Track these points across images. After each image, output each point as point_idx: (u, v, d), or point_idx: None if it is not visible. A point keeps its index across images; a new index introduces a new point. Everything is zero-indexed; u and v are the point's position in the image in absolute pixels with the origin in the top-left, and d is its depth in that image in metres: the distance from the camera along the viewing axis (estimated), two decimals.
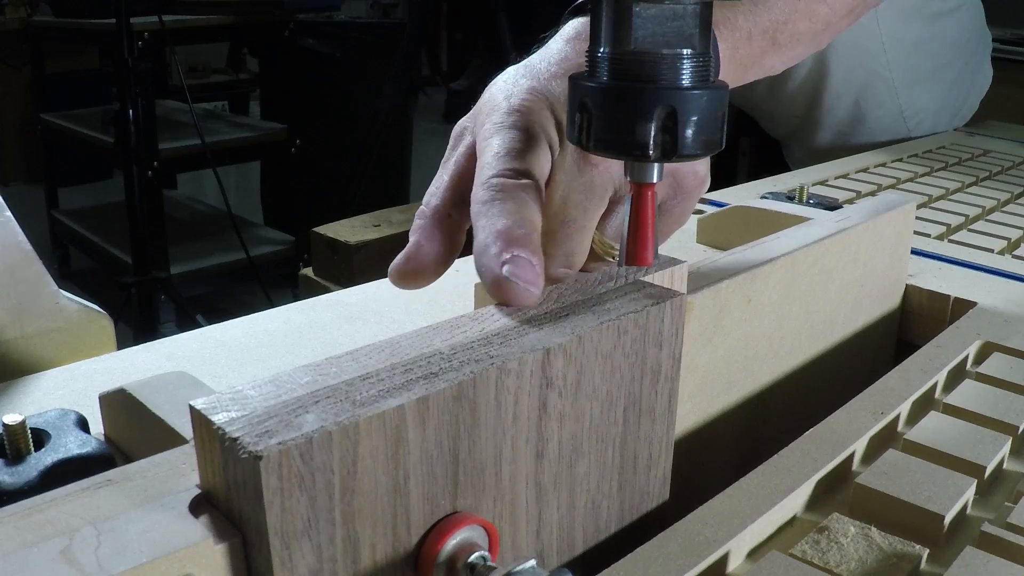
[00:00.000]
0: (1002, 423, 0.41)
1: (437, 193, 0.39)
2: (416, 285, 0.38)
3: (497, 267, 0.32)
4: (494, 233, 0.33)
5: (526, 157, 0.37)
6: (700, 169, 0.42)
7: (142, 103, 1.99)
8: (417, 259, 0.38)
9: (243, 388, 0.25)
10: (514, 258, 0.32)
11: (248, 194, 3.19)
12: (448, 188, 0.39)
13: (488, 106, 0.40)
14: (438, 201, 0.39)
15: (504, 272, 0.32)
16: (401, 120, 2.67)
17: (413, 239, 0.38)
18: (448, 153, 0.41)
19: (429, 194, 0.39)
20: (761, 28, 0.47)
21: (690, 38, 0.32)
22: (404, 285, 0.38)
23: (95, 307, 0.47)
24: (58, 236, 2.94)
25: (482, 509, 0.28)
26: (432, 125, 4.05)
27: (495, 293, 0.32)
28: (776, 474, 0.36)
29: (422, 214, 0.39)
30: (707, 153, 0.34)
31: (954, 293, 0.58)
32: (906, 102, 1.15)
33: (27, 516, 0.23)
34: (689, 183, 0.42)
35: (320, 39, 2.71)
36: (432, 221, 0.38)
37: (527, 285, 0.32)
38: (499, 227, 0.34)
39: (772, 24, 0.47)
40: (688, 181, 0.42)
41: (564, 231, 0.37)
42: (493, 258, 0.33)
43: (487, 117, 0.39)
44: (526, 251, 0.33)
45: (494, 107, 0.40)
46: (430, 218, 0.38)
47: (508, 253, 0.32)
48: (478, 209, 0.35)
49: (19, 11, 3.35)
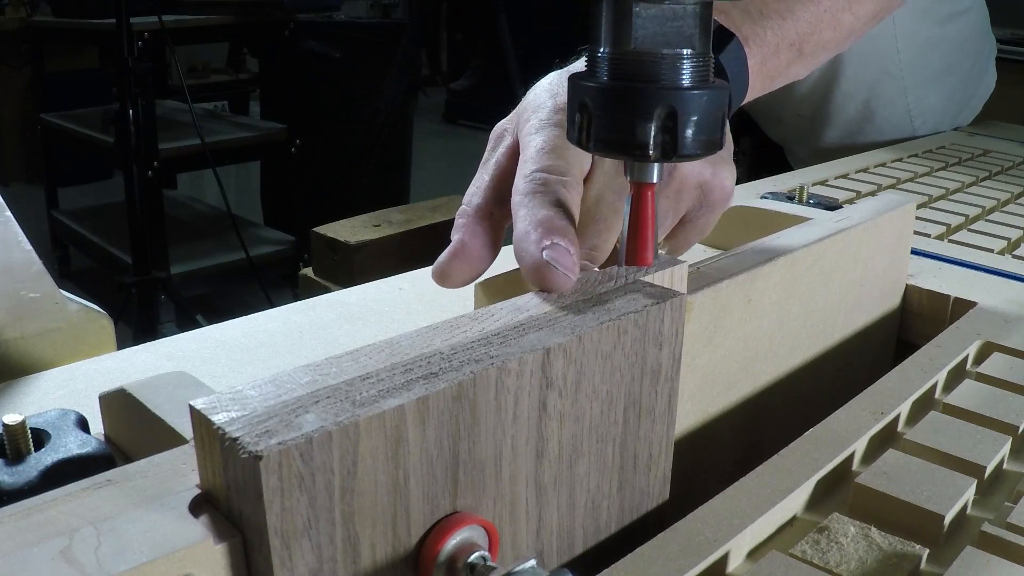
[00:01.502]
0: (1002, 423, 0.41)
1: (479, 192, 0.40)
2: (459, 283, 0.39)
3: (538, 252, 0.34)
4: (535, 222, 0.35)
5: (567, 154, 0.38)
6: (727, 184, 0.43)
7: (142, 103, 1.99)
8: (462, 257, 0.38)
9: (243, 388, 0.25)
10: (554, 245, 0.34)
11: (248, 194, 3.19)
12: (490, 187, 0.40)
13: (532, 105, 0.41)
14: (480, 200, 0.40)
15: (544, 256, 0.33)
16: (401, 120, 2.67)
17: (456, 237, 0.39)
18: (488, 154, 0.42)
19: (470, 194, 0.40)
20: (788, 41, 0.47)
21: (690, 38, 0.32)
22: (447, 283, 0.39)
23: (95, 307, 0.47)
24: (58, 236, 2.94)
25: (482, 509, 0.28)
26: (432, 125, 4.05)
27: (534, 277, 0.34)
28: (776, 474, 0.36)
29: (464, 213, 0.40)
30: (707, 153, 0.34)
31: (954, 293, 0.58)
32: (913, 102, 1.15)
33: (27, 516, 0.23)
34: (716, 196, 0.43)
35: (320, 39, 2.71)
36: (475, 219, 0.39)
37: (565, 270, 0.33)
38: (539, 217, 0.35)
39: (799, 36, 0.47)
40: (715, 194, 0.43)
41: (594, 227, 0.39)
42: (534, 244, 0.34)
43: (532, 115, 0.41)
44: (565, 240, 0.34)
45: (539, 106, 0.41)
46: (472, 216, 0.39)
47: (548, 240, 0.34)
48: (519, 200, 0.37)
49: (19, 11, 3.35)
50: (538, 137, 0.39)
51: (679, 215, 0.43)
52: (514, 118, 0.43)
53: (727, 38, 0.44)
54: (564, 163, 0.38)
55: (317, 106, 2.66)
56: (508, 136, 0.42)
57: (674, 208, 0.43)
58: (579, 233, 0.38)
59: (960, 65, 1.19)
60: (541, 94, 0.42)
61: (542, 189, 0.37)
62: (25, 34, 3.19)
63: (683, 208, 0.43)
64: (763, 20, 0.46)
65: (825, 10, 0.48)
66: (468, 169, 0.42)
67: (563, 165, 0.38)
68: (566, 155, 0.38)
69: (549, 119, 0.40)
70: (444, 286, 0.39)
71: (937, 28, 1.14)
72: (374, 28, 3.03)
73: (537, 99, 0.42)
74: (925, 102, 1.16)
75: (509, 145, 0.41)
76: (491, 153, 0.42)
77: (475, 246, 0.38)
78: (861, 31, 0.53)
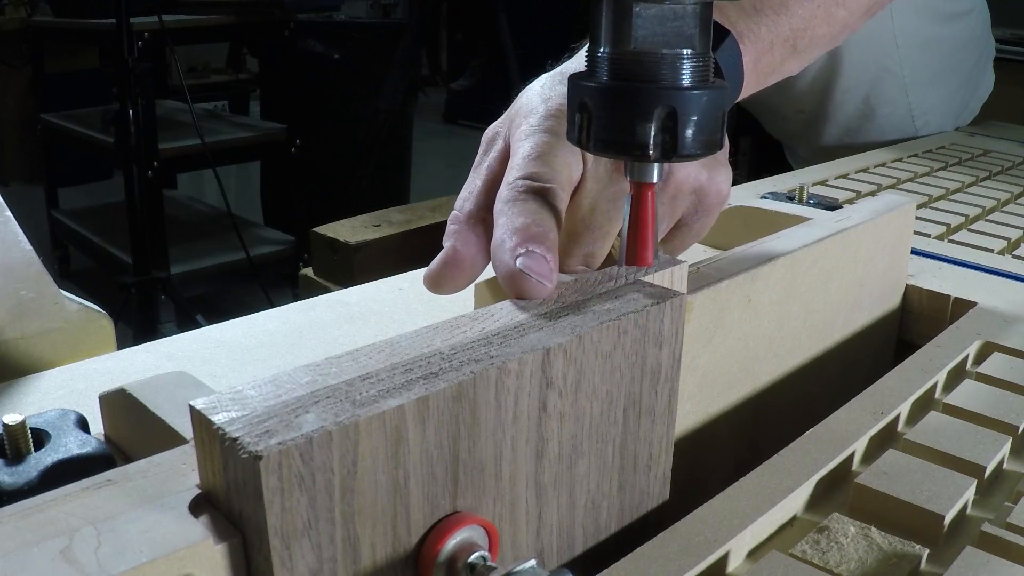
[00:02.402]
0: (1002, 423, 0.41)
1: (470, 198, 0.40)
2: (452, 290, 0.38)
3: (511, 261, 0.33)
4: (512, 230, 0.35)
5: (554, 162, 0.38)
6: (723, 187, 0.43)
7: (142, 103, 1.99)
8: (453, 264, 0.38)
9: (243, 388, 0.25)
10: (528, 252, 0.33)
11: (248, 194, 3.19)
12: (481, 193, 0.40)
13: (525, 109, 0.41)
14: (471, 206, 0.39)
15: (518, 264, 0.33)
16: (401, 120, 2.67)
17: (448, 244, 0.38)
18: (479, 158, 0.42)
19: (462, 199, 0.40)
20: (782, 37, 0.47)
21: (690, 38, 0.32)
22: (440, 290, 0.38)
23: (95, 307, 0.47)
24: (58, 236, 2.94)
25: (482, 509, 0.28)
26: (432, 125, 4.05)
27: (509, 286, 0.33)
28: (776, 474, 0.36)
29: (455, 219, 0.39)
30: (707, 153, 0.34)
31: (954, 293, 0.58)
32: (915, 100, 1.15)
33: (27, 516, 0.23)
34: (711, 200, 0.43)
35: (320, 39, 2.71)
36: (466, 225, 0.38)
37: (539, 278, 0.33)
38: (517, 225, 0.35)
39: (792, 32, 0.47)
40: (711, 198, 0.43)
41: (588, 235, 0.39)
42: (508, 252, 0.34)
43: (523, 120, 0.40)
44: (541, 247, 0.34)
45: (531, 111, 0.41)
46: (464, 223, 0.39)
47: (523, 248, 0.34)
48: (500, 208, 0.36)
49: (19, 11, 3.35)
50: (527, 143, 0.39)
51: (675, 219, 0.43)
52: (506, 121, 0.42)
53: (722, 35, 0.44)
54: (550, 170, 0.37)
55: (317, 106, 2.66)
56: (500, 140, 0.42)
57: (670, 212, 0.42)
58: (574, 241, 0.39)
59: (961, 66, 1.19)
60: (533, 98, 0.41)
61: (523, 197, 0.36)
62: (25, 34, 3.18)
63: (679, 212, 0.43)
64: (758, 16, 0.46)
65: (818, 5, 0.48)
66: (468, 169, 0.42)
67: (548, 172, 0.37)
68: (553, 162, 0.38)
69: (540, 125, 0.39)
70: (437, 293, 0.39)
71: (938, 27, 1.14)
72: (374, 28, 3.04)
73: (529, 103, 0.41)
74: (927, 102, 1.16)
75: (500, 150, 0.41)
76: (483, 157, 0.42)
77: (467, 253, 0.38)
78: (854, 26, 0.53)
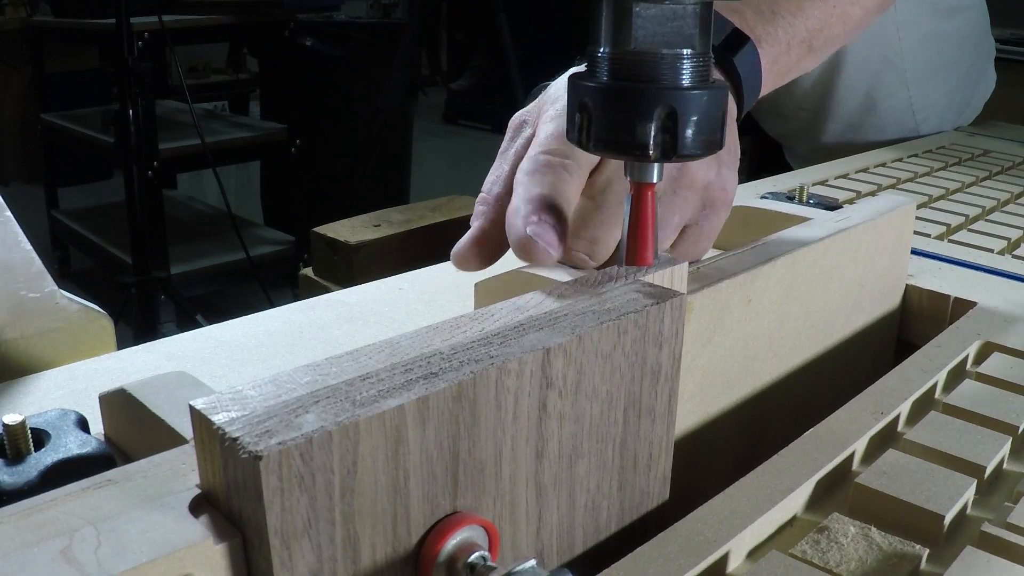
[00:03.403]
0: (1002, 423, 0.41)
1: (498, 181, 0.42)
2: (477, 267, 0.41)
3: (523, 227, 0.35)
4: (527, 198, 0.37)
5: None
6: (729, 187, 0.44)
7: (142, 103, 2.00)
8: (481, 243, 0.40)
9: (243, 388, 0.25)
10: (540, 221, 0.35)
11: (248, 194, 3.19)
12: (508, 176, 0.41)
13: (552, 97, 0.43)
14: (500, 189, 0.41)
15: (528, 231, 0.35)
16: (401, 120, 2.67)
17: (476, 224, 0.40)
18: (506, 144, 0.44)
19: (490, 182, 0.42)
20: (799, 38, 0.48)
21: (690, 38, 0.32)
22: (467, 266, 0.41)
23: (95, 307, 0.47)
24: (58, 236, 2.94)
25: (482, 509, 0.28)
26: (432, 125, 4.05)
27: (518, 251, 0.35)
28: (776, 474, 0.36)
29: (483, 200, 0.41)
30: (707, 153, 0.34)
31: (954, 293, 0.58)
32: (916, 95, 1.15)
33: (27, 516, 0.23)
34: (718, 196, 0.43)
35: (320, 39, 2.71)
36: (495, 207, 0.40)
37: (547, 246, 0.35)
38: (532, 194, 0.37)
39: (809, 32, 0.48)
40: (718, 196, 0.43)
41: (597, 215, 0.40)
42: (522, 219, 0.36)
43: (550, 106, 0.42)
44: (552, 217, 0.36)
45: (557, 98, 0.42)
46: (492, 204, 0.41)
47: (536, 216, 0.35)
48: (519, 178, 0.38)
49: (19, 11, 3.36)
50: (551, 124, 0.40)
51: (686, 215, 0.43)
52: (534, 109, 0.44)
53: (742, 41, 0.44)
54: (570, 148, 0.39)
55: (317, 106, 2.66)
56: (527, 128, 0.43)
57: (681, 208, 0.43)
58: (582, 222, 0.40)
59: (961, 62, 1.19)
60: (560, 88, 0.43)
61: (542, 169, 0.38)
62: (25, 34, 3.18)
63: (689, 208, 0.43)
64: (775, 19, 0.46)
65: (834, 5, 0.49)
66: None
67: (568, 150, 0.39)
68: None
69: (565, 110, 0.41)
70: (463, 270, 0.41)
71: (938, 21, 1.14)
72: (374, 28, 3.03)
73: (556, 92, 0.43)
74: (928, 97, 1.16)
75: (527, 136, 0.43)
76: (510, 143, 0.43)
77: (494, 233, 0.40)
78: (867, 22, 0.53)
